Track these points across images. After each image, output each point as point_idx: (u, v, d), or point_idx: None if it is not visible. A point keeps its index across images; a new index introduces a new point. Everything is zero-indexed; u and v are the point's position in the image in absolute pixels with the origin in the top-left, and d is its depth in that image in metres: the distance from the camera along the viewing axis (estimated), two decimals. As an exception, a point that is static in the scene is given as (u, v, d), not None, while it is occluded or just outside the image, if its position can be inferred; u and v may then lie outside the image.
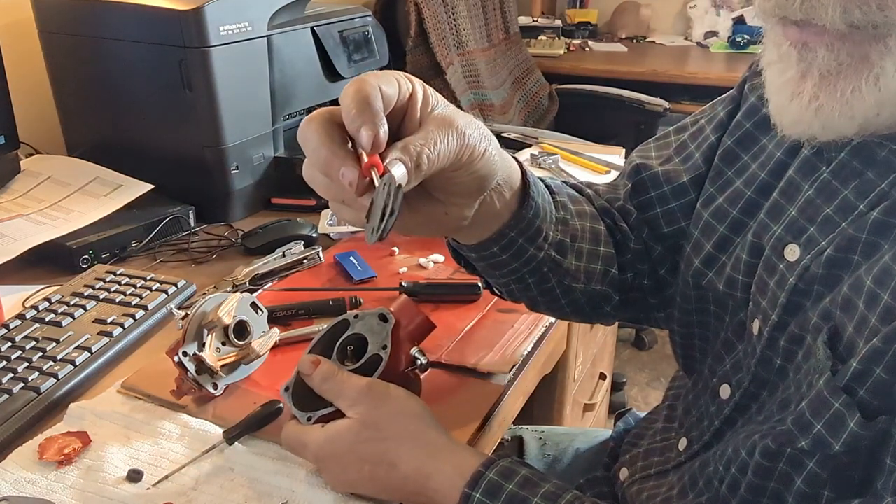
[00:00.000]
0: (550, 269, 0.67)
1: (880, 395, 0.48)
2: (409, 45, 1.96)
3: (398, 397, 0.63)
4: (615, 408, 2.08)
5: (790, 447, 0.53)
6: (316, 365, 0.64)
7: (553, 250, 0.66)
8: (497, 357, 0.81)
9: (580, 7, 3.16)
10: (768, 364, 0.60)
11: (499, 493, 0.58)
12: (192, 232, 1.12)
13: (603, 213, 0.74)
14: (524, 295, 0.71)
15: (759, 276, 0.61)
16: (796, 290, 0.56)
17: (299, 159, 1.24)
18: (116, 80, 1.16)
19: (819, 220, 0.56)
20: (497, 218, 0.62)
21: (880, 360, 0.47)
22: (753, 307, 0.62)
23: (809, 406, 0.52)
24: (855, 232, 0.52)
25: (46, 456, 0.65)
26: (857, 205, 0.53)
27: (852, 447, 0.49)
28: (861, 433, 0.49)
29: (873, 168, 0.52)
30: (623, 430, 0.88)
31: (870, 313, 0.49)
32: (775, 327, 0.58)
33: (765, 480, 0.56)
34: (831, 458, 0.51)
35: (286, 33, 1.20)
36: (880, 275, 0.49)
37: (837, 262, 0.53)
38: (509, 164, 0.60)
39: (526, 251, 0.64)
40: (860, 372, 0.49)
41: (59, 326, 0.83)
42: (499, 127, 1.95)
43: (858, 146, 0.53)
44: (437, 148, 0.51)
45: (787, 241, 0.58)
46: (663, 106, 2.34)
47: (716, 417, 0.65)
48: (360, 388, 0.63)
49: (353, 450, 0.61)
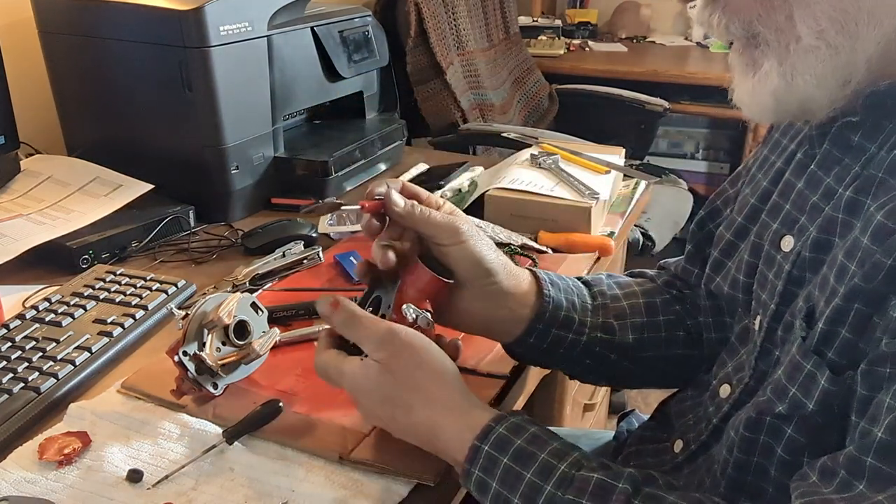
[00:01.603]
0: (604, 347, 0.75)
1: (847, 354, 0.51)
2: (409, 45, 1.95)
3: (420, 348, 0.63)
4: (615, 408, 2.09)
5: (769, 415, 0.56)
6: (335, 307, 0.65)
7: (599, 332, 0.75)
8: (497, 357, 0.81)
9: (580, 7, 3.16)
10: (768, 356, 0.62)
11: (507, 447, 0.58)
12: (192, 232, 1.12)
13: (667, 286, 0.81)
14: (597, 377, 0.82)
15: (759, 271, 0.64)
16: (791, 278, 0.59)
17: (299, 159, 1.24)
18: (116, 80, 1.16)
19: (808, 208, 0.60)
20: (521, 316, 0.72)
21: (844, 321, 0.51)
22: (755, 304, 0.65)
23: (784, 373, 0.55)
24: (832, 212, 0.56)
25: (46, 456, 0.65)
26: (836, 189, 0.57)
27: (825, 405, 0.52)
28: (832, 389, 0.52)
29: (849, 154, 0.56)
30: (625, 430, 0.88)
31: (838, 284, 0.52)
32: (773, 317, 0.61)
33: (748, 455, 0.58)
34: (807, 420, 0.54)
35: (286, 33, 1.20)
36: (850, 248, 0.52)
37: (820, 244, 0.57)
38: (518, 275, 0.72)
39: (565, 338, 0.73)
40: (826, 332, 0.52)
41: (59, 326, 0.83)
42: (499, 127, 1.96)
43: (836, 136, 0.57)
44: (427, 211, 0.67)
45: (783, 234, 0.62)
46: (663, 106, 2.34)
47: (714, 416, 0.66)
48: (381, 334, 0.63)
49: (379, 389, 0.63)
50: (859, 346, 0.51)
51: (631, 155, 1.63)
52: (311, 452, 0.67)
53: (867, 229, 0.51)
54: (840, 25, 0.51)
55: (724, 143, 2.95)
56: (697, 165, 2.96)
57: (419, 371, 0.63)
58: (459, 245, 0.68)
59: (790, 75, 0.53)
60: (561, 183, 1.19)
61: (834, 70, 0.52)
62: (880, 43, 0.51)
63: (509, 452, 0.58)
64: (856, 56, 0.51)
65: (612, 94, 2.38)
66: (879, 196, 0.52)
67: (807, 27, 0.51)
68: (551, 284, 0.74)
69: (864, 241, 0.51)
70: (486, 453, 0.58)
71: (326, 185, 1.24)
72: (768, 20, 0.53)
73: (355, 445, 0.67)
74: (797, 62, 0.53)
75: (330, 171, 1.24)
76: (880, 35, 0.50)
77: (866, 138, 0.55)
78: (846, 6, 0.50)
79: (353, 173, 1.31)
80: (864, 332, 0.50)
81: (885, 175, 0.52)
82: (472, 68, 2.18)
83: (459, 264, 0.68)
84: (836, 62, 0.52)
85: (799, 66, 0.53)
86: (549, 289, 0.73)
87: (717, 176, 2.91)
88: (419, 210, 0.67)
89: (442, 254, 0.69)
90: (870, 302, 0.50)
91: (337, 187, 1.27)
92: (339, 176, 1.26)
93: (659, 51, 2.90)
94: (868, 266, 0.50)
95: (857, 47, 0.51)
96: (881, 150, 0.54)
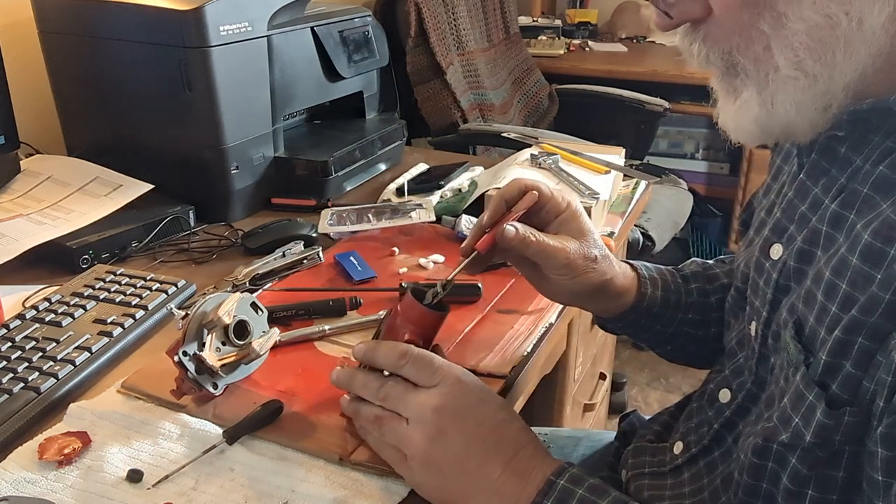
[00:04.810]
0: (687, 339, 0.82)
1: (849, 390, 0.51)
2: (409, 45, 1.95)
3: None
4: (615, 408, 2.09)
5: (774, 442, 0.56)
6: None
7: (685, 326, 0.81)
8: (497, 358, 0.81)
9: (580, 7, 3.16)
10: (766, 362, 0.63)
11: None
12: (192, 232, 1.12)
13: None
14: (675, 357, 0.87)
15: (752, 279, 0.66)
16: (778, 286, 0.60)
17: (299, 159, 1.24)
18: (116, 80, 1.16)
19: (797, 217, 0.60)
20: (617, 306, 0.78)
21: (848, 354, 0.51)
22: (750, 310, 0.66)
23: (790, 401, 0.55)
24: (817, 223, 0.57)
25: (46, 456, 0.65)
26: (823, 199, 0.57)
27: (823, 438, 0.52)
28: (827, 422, 0.51)
29: (836, 164, 0.57)
30: (626, 430, 0.88)
31: (829, 303, 0.52)
32: (765, 324, 0.62)
33: (757, 480, 0.58)
34: (808, 452, 0.54)
35: (286, 33, 1.20)
36: (838, 265, 0.52)
37: (804, 255, 0.57)
38: (624, 272, 0.78)
39: (652, 327, 0.81)
40: (830, 365, 0.52)
41: (59, 326, 0.83)
42: (499, 127, 1.96)
43: (824, 147, 0.58)
44: (542, 237, 0.71)
45: (773, 242, 0.63)
46: (663, 106, 2.34)
47: (715, 421, 0.67)
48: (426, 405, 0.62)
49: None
50: (863, 383, 0.50)
51: (631, 155, 1.63)
52: (312, 454, 0.67)
53: (855, 248, 0.51)
54: (817, 55, 0.51)
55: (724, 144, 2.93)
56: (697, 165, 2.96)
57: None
58: (566, 278, 0.73)
59: (770, 103, 0.54)
60: (561, 183, 1.19)
61: (813, 98, 0.53)
62: (857, 70, 0.51)
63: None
64: (834, 84, 0.52)
65: (612, 94, 2.38)
66: (864, 212, 0.52)
67: (784, 58, 0.52)
68: (648, 282, 0.79)
69: (854, 261, 0.51)
70: (562, 487, 0.58)
71: (326, 185, 1.24)
72: (747, 51, 0.54)
73: (356, 447, 0.67)
74: (776, 91, 0.53)
75: (330, 171, 1.24)
76: (856, 63, 0.51)
77: (852, 150, 0.55)
78: (823, 36, 0.51)
79: (353, 173, 1.31)
80: (868, 367, 0.50)
81: (870, 191, 0.53)
82: (472, 68, 2.18)
83: (560, 283, 0.74)
84: (815, 90, 0.52)
85: (778, 95, 0.53)
86: (646, 287, 0.79)
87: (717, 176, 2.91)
88: (532, 239, 0.70)
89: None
90: (873, 337, 0.50)
91: (337, 187, 1.27)
92: (339, 176, 1.27)
93: (659, 51, 2.89)
94: (866, 297, 0.50)
95: (834, 75, 0.51)
96: (866, 164, 0.54)
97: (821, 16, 0.50)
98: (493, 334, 0.85)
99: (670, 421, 0.79)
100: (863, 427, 0.51)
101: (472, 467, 0.60)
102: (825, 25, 0.50)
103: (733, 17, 0.53)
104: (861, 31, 0.50)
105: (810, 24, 0.50)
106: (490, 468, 0.60)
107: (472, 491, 0.60)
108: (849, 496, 0.53)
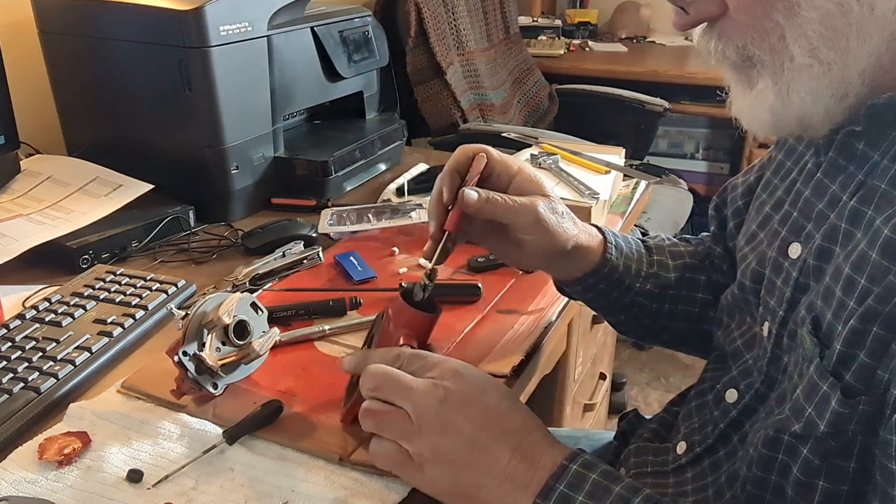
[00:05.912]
0: (641, 310, 0.82)
1: (863, 379, 0.51)
2: (409, 45, 1.96)
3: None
4: (615, 408, 2.09)
5: (786, 433, 0.56)
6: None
7: (641, 297, 0.81)
8: (497, 358, 0.81)
9: (580, 7, 3.16)
10: (778, 363, 0.63)
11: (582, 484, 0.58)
12: (192, 232, 1.12)
13: (703, 259, 0.85)
14: (627, 329, 0.87)
15: (767, 278, 0.65)
16: (798, 285, 0.60)
17: (299, 159, 1.24)
18: (116, 80, 1.16)
19: (814, 215, 0.60)
20: (580, 268, 0.79)
21: (862, 343, 0.51)
22: (763, 310, 0.65)
23: (803, 392, 0.55)
24: (836, 220, 0.57)
25: (46, 456, 0.65)
26: (841, 196, 0.57)
27: (837, 428, 0.52)
28: (842, 411, 0.51)
29: (854, 162, 0.57)
30: (626, 430, 0.88)
31: (847, 298, 0.52)
32: (781, 323, 0.61)
33: (766, 473, 0.58)
34: (820, 442, 0.54)
35: (286, 33, 1.20)
36: (857, 260, 0.52)
37: (824, 252, 0.57)
38: (590, 232, 0.79)
39: (609, 294, 0.81)
40: (844, 355, 0.52)
41: (59, 326, 0.83)
42: (499, 127, 1.96)
43: (841, 144, 0.58)
44: (508, 196, 0.71)
45: (791, 241, 0.62)
46: (663, 106, 2.34)
47: (721, 421, 0.66)
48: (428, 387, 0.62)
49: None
50: (878, 372, 0.50)
51: (631, 155, 1.63)
52: (312, 454, 0.66)
53: (875, 243, 0.51)
54: (831, 42, 0.52)
55: (724, 143, 2.95)
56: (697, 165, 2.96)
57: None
58: (538, 236, 0.73)
59: (786, 93, 0.55)
60: (561, 183, 1.19)
61: (829, 86, 0.53)
62: (872, 56, 0.52)
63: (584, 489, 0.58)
64: (849, 71, 0.52)
65: (611, 94, 2.38)
66: (883, 208, 0.52)
67: (799, 47, 0.53)
68: (613, 247, 0.80)
69: (874, 256, 0.51)
70: (575, 471, 0.58)
71: (326, 185, 1.24)
72: (762, 42, 0.55)
73: (356, 447, 0.67)
74: (792, 80, 0.54)
75: (330, 171, 1.24)
76: (871, 48, 0.51)
77: (870, 146, 0.55)
78: (835, 23, 0.51)
79: (353, 173, 1.31)
80: (882, 357, 0.50)
81: (888, 187, 0.53)
82: (472, 68, 2.18)
83: (532, 243, 0.73)
84: (830, 78, 0.53)
85: (794, 84, 0.54)
86: (611, 251, 0.80)
87: (717, 176, 2.91)
88: (498, 199, 0.70)
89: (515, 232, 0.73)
90: (889, 326, 0.50)
91: (337, 187, 1.27)
92: (339, 176, 1.27)
93: (659, 51, 2.90)
94: (882, 286, 0.50)
95: (849, 62, 0.52)
96: (884, 160, 0.54)
97: (833, 3, 0.51)
98: (493, 334, 0.85)
99: (670, 420, 0.79)
100: (876, 417, 0.51)
101: (482, 455, 0.60)
102: (837, 12, 0.51)
103: (748, 11, 0.54)
104: (873, 16, 0.50)
105: (823, 11, 0.51)
106: (499, 454, 0.60)
107: (483, 479, 0.59)
108: (860, 487, 0.53)
